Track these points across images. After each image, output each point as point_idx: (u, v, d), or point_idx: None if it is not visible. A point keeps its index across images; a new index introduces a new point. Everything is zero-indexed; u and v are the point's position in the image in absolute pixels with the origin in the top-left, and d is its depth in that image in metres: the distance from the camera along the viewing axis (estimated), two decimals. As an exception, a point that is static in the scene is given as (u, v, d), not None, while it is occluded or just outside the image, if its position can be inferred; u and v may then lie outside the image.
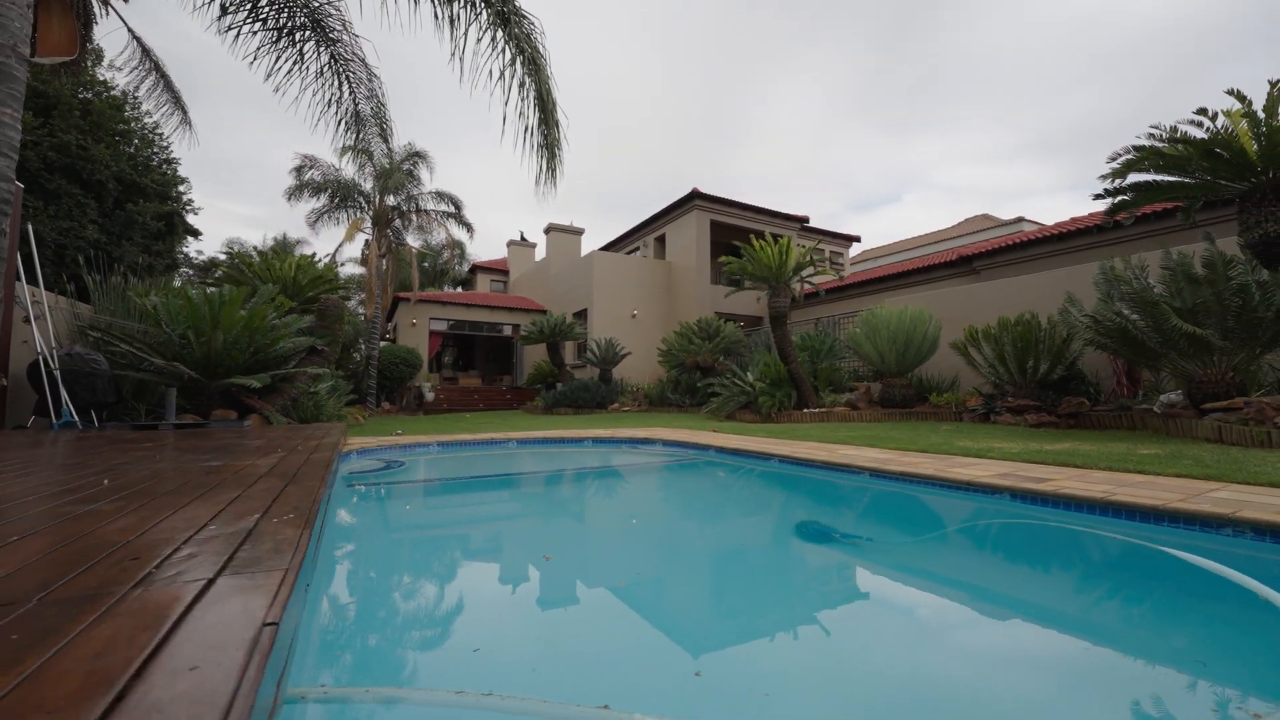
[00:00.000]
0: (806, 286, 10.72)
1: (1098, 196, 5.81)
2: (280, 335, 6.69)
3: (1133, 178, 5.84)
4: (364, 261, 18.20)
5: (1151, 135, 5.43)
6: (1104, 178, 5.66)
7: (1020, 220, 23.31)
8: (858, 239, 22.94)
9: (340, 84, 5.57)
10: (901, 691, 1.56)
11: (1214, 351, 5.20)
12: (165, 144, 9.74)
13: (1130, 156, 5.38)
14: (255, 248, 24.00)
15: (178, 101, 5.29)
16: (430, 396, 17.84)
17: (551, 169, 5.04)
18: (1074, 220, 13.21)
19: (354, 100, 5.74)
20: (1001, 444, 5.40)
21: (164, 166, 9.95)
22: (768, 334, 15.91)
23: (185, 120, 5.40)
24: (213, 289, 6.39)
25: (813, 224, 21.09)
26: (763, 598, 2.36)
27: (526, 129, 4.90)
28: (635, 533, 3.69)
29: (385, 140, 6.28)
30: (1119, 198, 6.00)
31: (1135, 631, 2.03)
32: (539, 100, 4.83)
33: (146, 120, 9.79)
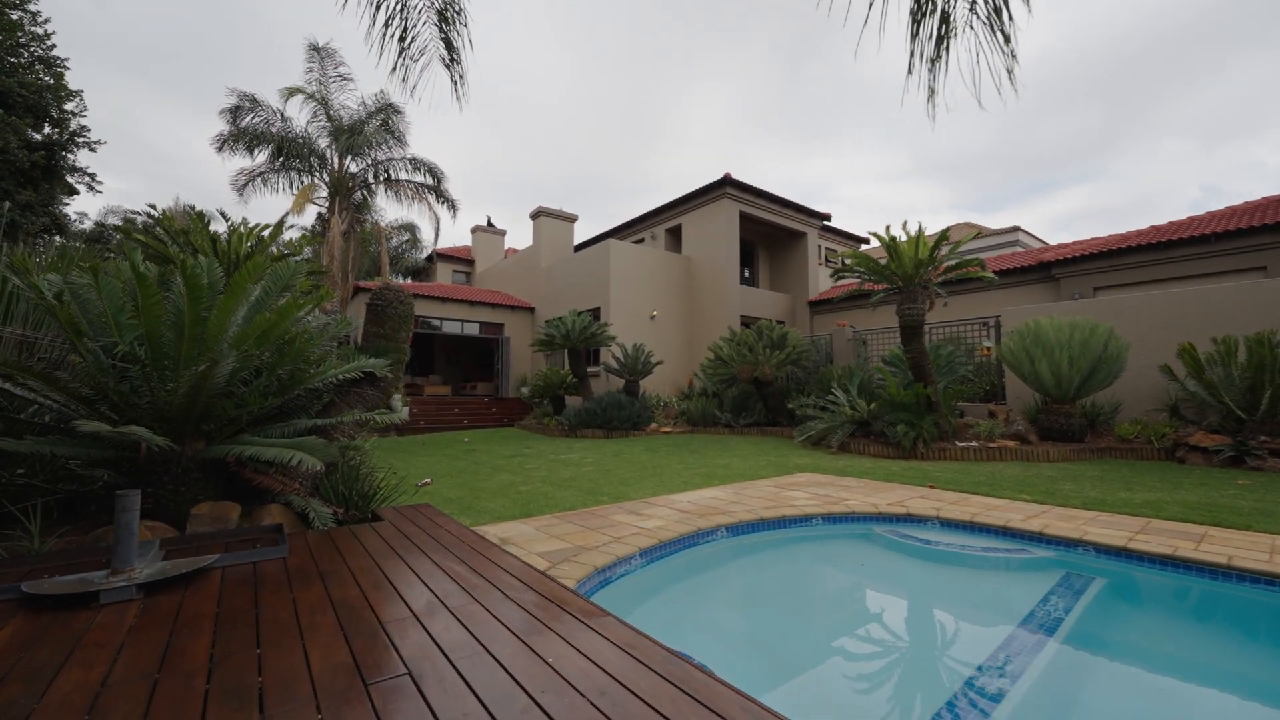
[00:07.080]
0: (928, 289, 8.86)
1: None
2: (321, 355, 3.65)
3: None
4: (315, 238, 14.30)
5: None
6: None
7: (1016, 229, 23.37)
8: (867, 240, 21.86)
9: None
10: None
11: None
12: (44, 29, 5.97)
13: None
14: (142, 215, 18.79)
15: None
16: (404, 414, 14.30)
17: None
18: (1155, 229, 12.47)
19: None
20: None
21: (39, 67, 6.15)
22: (826, 343, 14.07)
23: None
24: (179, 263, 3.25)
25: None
26: None
27: None
28: None
29: (451, 68, 3.38)
30: None
31: None
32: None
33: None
